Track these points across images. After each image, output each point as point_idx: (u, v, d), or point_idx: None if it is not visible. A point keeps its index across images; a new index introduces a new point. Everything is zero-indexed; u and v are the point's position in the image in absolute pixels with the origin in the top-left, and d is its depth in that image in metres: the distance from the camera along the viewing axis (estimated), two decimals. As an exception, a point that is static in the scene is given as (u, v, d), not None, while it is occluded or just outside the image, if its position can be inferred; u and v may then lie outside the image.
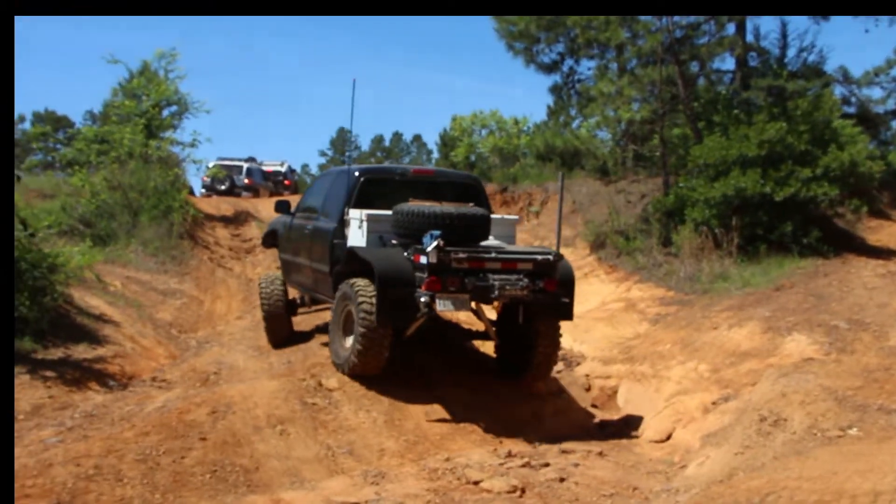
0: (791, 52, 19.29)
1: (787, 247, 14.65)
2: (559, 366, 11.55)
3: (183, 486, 6.51)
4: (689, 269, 14.65)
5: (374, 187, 9.88)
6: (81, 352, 10.68)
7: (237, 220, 25.10)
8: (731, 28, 18.17)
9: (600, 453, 7.94)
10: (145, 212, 19.81)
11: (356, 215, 9.50)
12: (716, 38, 18.06)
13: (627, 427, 9.24)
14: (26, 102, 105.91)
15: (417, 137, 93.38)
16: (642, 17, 17.87)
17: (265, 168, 38.17)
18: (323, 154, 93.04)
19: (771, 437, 6.71)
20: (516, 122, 33.88)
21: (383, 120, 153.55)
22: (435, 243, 8.15)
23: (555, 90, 25.12)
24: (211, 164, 31.75)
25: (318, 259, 10.35)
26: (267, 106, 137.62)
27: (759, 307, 11.25)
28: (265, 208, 24.67)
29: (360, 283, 8.81)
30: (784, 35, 19.22)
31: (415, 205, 8.88)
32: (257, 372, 10.39)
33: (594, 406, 10.04)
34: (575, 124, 25.67)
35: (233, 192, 33.47)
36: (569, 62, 24.21)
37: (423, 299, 8.26)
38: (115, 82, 27.27)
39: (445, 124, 56.77)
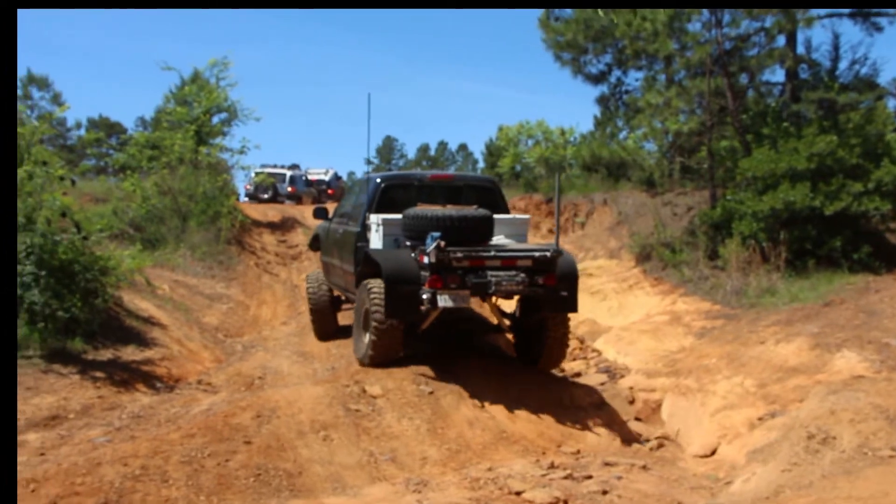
0: (843, 64, 18.91)
1: (837, 262, 14.38)
2: (602, 378, 11.48)
3: (227, 489, 6.55)
4: (735, 282, 14.46)
5: (395, 193, 10.61)
6: (130, 353, 10.83)
7: (284, 226, 25.30)
8: (781, 40, 17.92)
9: (644, 467, 7.85)
10: (194, 217, 20.06)
11: (374, 220, 10.16)
12: (766, 49, 17.81)
13: (671, 441, 9.13)
14: (81, 109, 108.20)
15: (463, 147, 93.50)
16: (691, 29, 17.74)
17: (309, 176, 38.43)
18: (369, 162, 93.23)
19: (819, 455, 6.59)
20: (562, 133, 33.72)
21: (429, 129, 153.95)
22: (434, 244, 8.67)
23: (602, 101, 25.06)
24: (255, 172, 32.06)
25: (346, 261, 11.08)
26: (315, 113, 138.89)
27: (807, 323, 11.06)
28: (311, 215, 24.84)
29: (373, 282, 9.56)
30: (836, 47, 18.88)
31: (420, 209, 9.52)
32: (301, 377, 10.45)
33: (638, 419, 9.93)
34: (622, 135, 25.56)
35: (276, 199, 33.71)
36: (616, 73, 24.18)
37: (425, 296, 8.85)
38: (168, 89, 27.72)
39: (491, 134, 56.80)
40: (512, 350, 11.52)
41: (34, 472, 6.47)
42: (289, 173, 35.75)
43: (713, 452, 8.51)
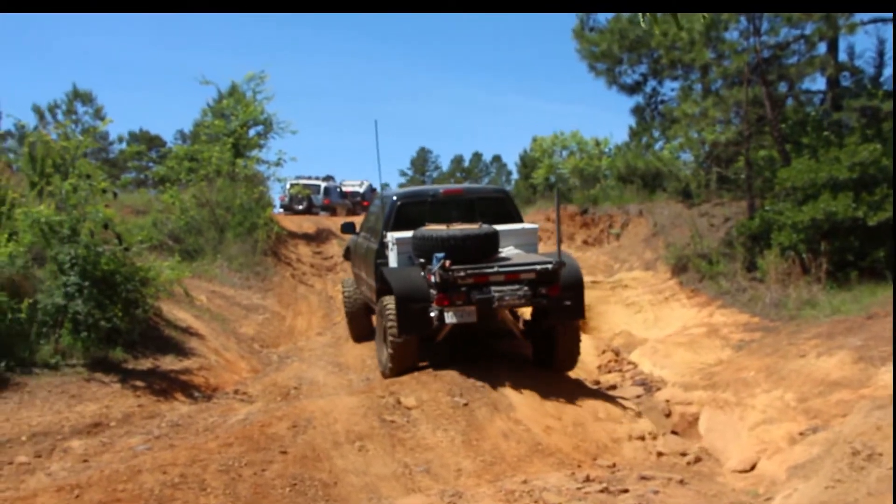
0: (887, 71, 18.68)
1: (881, 273, 14.13)
2: (638, 390, 11.41)
3: (263, 498, 6.60)
4: (774, 294, 14.31)
5: (410, 210, 11.10)
6: (169, 363, 10.96)
7: (319, 237, 25.46)
8: (822, 47, 17.69)
9: (681, 481, 7.79)
10: (231, 228, 20.25)
11: (390, 238, 10.67)
12: (806, 57, 17.61)
13: (709, 455, 9.05)
14: (122, 123, 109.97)
15: (497, 158, 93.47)
16: (728, 37, 17.63)
17: (344, 188, 38.59)
18: (403, 174, 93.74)
19: (864, 471, 6.48)
20: (597, 144, 33.69)
21: (464, 140, 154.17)
22: (439, 264, 9.18)
23: (637, 111, 24.95)
24: (290, 184, 32.24)
25: (370, 275, 11.54)
26: (350, 125, 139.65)
27: (850, 336, 10.91)
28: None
29: (388, 300, 10.05)
30: (881, 53, 18.65)
31: (427, 229, 9.94)
32: (337, 388, 10.51)
33: (674, 432, 9.85)
34: (657, 146, 25.44)
35: (311, 211, 33.87)
36: (652, 83, 24.07)
37: (433, 314, 9.42)
38: (206, 103, 28.02)
39: (526, 145, 56.79)
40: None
41: (78, 478, 6.59)
42: (323, 185, 35.92)
43: (752, 467, 8.41)
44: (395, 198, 11.33)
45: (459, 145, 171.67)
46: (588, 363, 13.79)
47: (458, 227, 9.89)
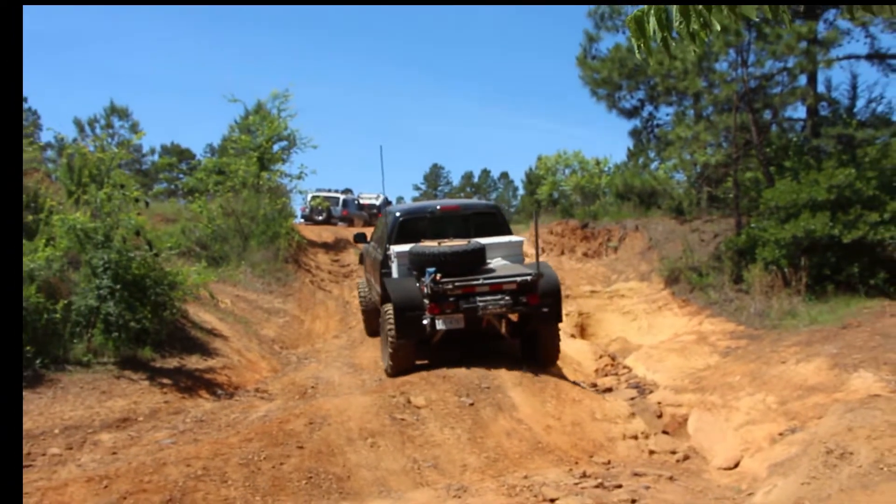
0: (860, 103, 18.75)
1: (855, 287, 14.16)
2: (632, 393, 11.38)
3: (281, 491, 6.58)
4: (759, 305, 14.30)
5: (411, 225, 11.64)
6: (194, 362, 10.94)
7: (337, 246, 25.43)
8: (803, 79, 17.84)
9: (671, 478, 7.75)
10: (255, 237, 20.24)
11: (392, 251, 11.15)
12: (788, 88, 17.69)
13: (697, 454, 9.01)
14: (155, 136, 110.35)
15: (504, 175, 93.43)
16: (718, 68, 17.68)
17: (361, 200, 38.57)
18: (416, 188, 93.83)
19: (837, 469, 6.45)
20: (598, 163, 33.66)
21: (474, 157, 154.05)
22: (430, 278, 9.80)
23: (634, 134, 24.91)
24: (310, 197, 32.23)
25: (377, 282, 11.91)
26: (369, 141, 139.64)
27: (826, 344, 10.86)
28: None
29: (388, 307, 10.49)
30: (854, 86, 18.71)
31: (421, 245, 10.48)
32: (351, 387, 10.48)
33: (665, 432, 9.81)
34: (653, 166, 25.40)
35: (329, 221, 33.87)
36: (648, 108, 24.03)
37: (425, 321, 9.93)
38: (233, 119, 28.06)
39: (532, 163, 56.83)
40: None
41: (107, 469, 6.57)
42: (342, 197, 35.90)
43: (736, 465, 8.38)
44: (397, 214, 11.85)
45: (470, 162, 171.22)
46: (586, 367, 13.76)
47: (448, 244, 10.40)
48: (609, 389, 11.88)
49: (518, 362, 10.62)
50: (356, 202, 37.45)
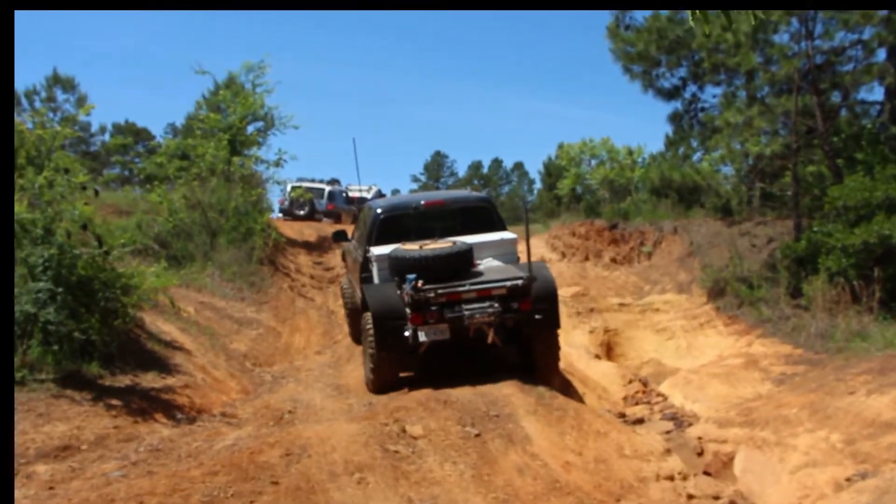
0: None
1: (940, 304, 14.09)
2: (667, 425, 11.36)
3: (250, 534, 6.55)
4: (821, 324, 14.24)
5: (394, 222, 12.05)
6: (150, 380, 10.91)
7: (321, 246, 25.45)
8: (881, 54, 17.64)
9: (713, 528, 7.72)
10: (224, 234, 20.24)
11: (372, 254, 11.54)
12: (863, 64, 17.56)
13: (745, 500, 8.97)
14: (106, 113, 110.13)
15: (519, 165, 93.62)
16: (777, 40, 17.60)
17: (350, 193, 38.53)
18: (415, 179, 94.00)
19: (917, 523, 6.41)
20: (630, 153, 33.66)
21: (483, 145, 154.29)
22: (410, 285, 10.11)
23: (674, 118, 24.96)
24: (290, 187, 32.20)
25: (357, 288, 12.44)
26: (361, 127, 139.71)
27: (904, 372, 10.83)
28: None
29: (368, 316, 10.86)
30: (947, 61, 18.60)
31: (402, 249, 10.89)
32: (336, 413, 10.45)
33: (707, 473, 9.79)
34: (696, 157, 25.44)
35: (313, 217, 33.82)
36: (691, 88, 24.11)
37: (406, 333, 10.33)
38: (200, 95, 28.05)
39: (551, 152, 56.85)
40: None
41: (43, 506, 6.54)
42: (328, 189, 35.89)
43: (792, 515, 8.35)
44: (378, 210, 12.28)
45: (478, 150, 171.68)
46: (613, 393, 13.74)
47: (431, 247, 10.84)
48: (640, 421, 11.86)
49: (530, 377, 10.77)
50: (344, 194, 37.39)
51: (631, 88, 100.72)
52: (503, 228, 12.38)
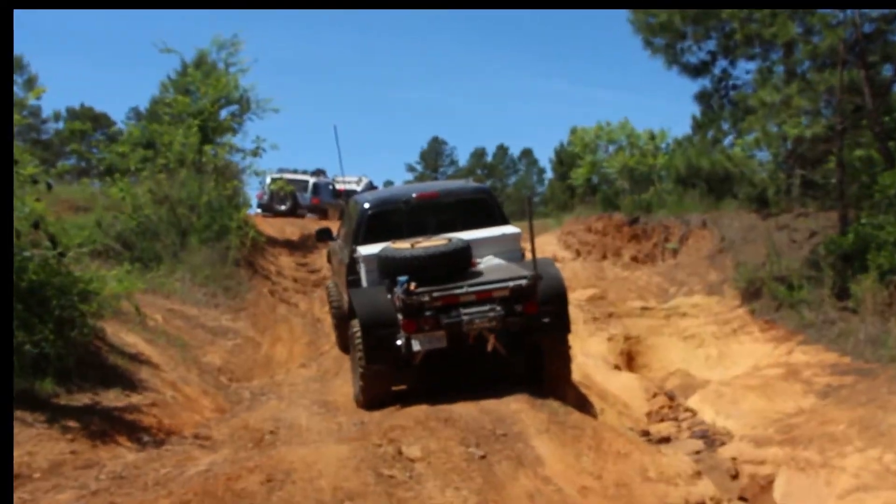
0: None
1: None
2: (697, 444, 11.36)
3: (227, 571, 6.54)
4: (871, 329, 14.23)
5: (383, 218, 12.16)
6: (112, 399, 10.89)
7: (305, 245, 25.46)
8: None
9: (751, 560, 7.71)
10: (196, 232, 20.21)
11: (359, 253, 11.66)
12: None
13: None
14: (59, 97, 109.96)
15: (527, 152, 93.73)
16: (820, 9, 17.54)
17: (338, 185, 38.46)
18: (411, 169, 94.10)
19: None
20: (652, 137, 33.66)
21: (486, 130, 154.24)
22: (402, 288, 10.08)
23: (702, 98, 24.91)
24: (270, 179, 32.19)
25: (344, 292, 12.57)
26: (349, 111, 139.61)
27: (967, 383, 10.84)
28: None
29: (356, 324, 10.88)
30: None
31: (391, 249, 10.88)
32: (323, 433, 10.45)
33: (742, 499, 9.82)
34: (727, 141, 25.37)
35: (296, 212, 33.80)
36: (722, 63, 24.04)
37: (398, 342, 10.33)
38: (166, 75, 27.99)
39: (563, 137, 56.85)
40: None
41: (-9, 542, 6.51)
42: (312, 180, 35.83)
43: (841, 545, 8.35)
44: (365, 205, 12.40)
45: (481, 136, 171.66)
46: (635, 409, 13.74)
47: (423, 245, 10.80)
48: (666, 439, 11.89)
49: (541, 391, 10.80)
50: (330, 187, 37.31)
51: (653, 65, 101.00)
52: (505, 222, 12.37)
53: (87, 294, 11.29)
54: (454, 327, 10.18)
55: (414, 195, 12.33)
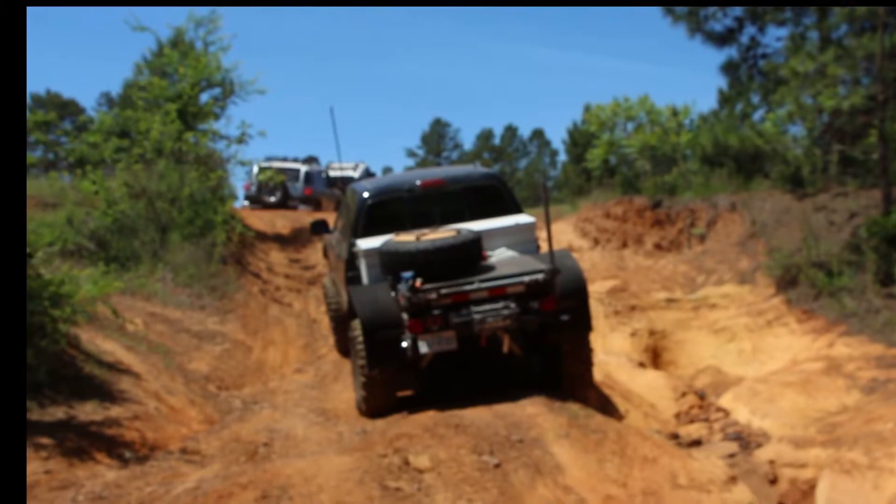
0: None
1: None
2: (731, 447, 11.36)
3: None
4: (920, 317, 14.24)
5: (385, 208, 12.17)
6: (89, 412, 10.91)
7: (297, 240, 25.47)
8: None
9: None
10: (177, 228, 20.21)
11: (359, 248, 11.65)
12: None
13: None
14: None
15: (538, 133, 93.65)
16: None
17: (332, 173, 38.41)
18: (411, 154, 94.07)
19: None
20: (675, 114, 33.54)
21: (493, 110, 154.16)
22: (408, 285, 10.10)
23: (729, 69, 24.87)
24: (257, 169, 32.16)
25: (342, 289, 12.60)
26: (343, 91, 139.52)
27: None
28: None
29: (356, 325, 10.88)
30: None
31: (395, 242, 10.85)
32: (322, 444, 10.47)
33: (783, 505, 9.81)
34: (757, 116, 25.38)
35: (286, 204, 33.79)
36: (750, 30, 23.99)
37: (404, 344, 10.32)
38: (140, 56, 27.93)
39: (577, 116, 56.81)
40: None
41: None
42: (303, 169, 35.78)
43: (891, 555, 8.36)
44: (364, 194, 12.31)
45: (487, 116, 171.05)
46: (663, 410, 13.75)
47: (430, 238, 10.75)
48: (697, 442, 11.89)
49: (559, 393, 10.85)
50: (324, 175, 37.27)
51: (674, 33, 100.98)
52: (518, 211, 12.32)
53: (58, 298, 11.28)
54: (465, 327, 10.13)
55: (418, 182, 12.27)
